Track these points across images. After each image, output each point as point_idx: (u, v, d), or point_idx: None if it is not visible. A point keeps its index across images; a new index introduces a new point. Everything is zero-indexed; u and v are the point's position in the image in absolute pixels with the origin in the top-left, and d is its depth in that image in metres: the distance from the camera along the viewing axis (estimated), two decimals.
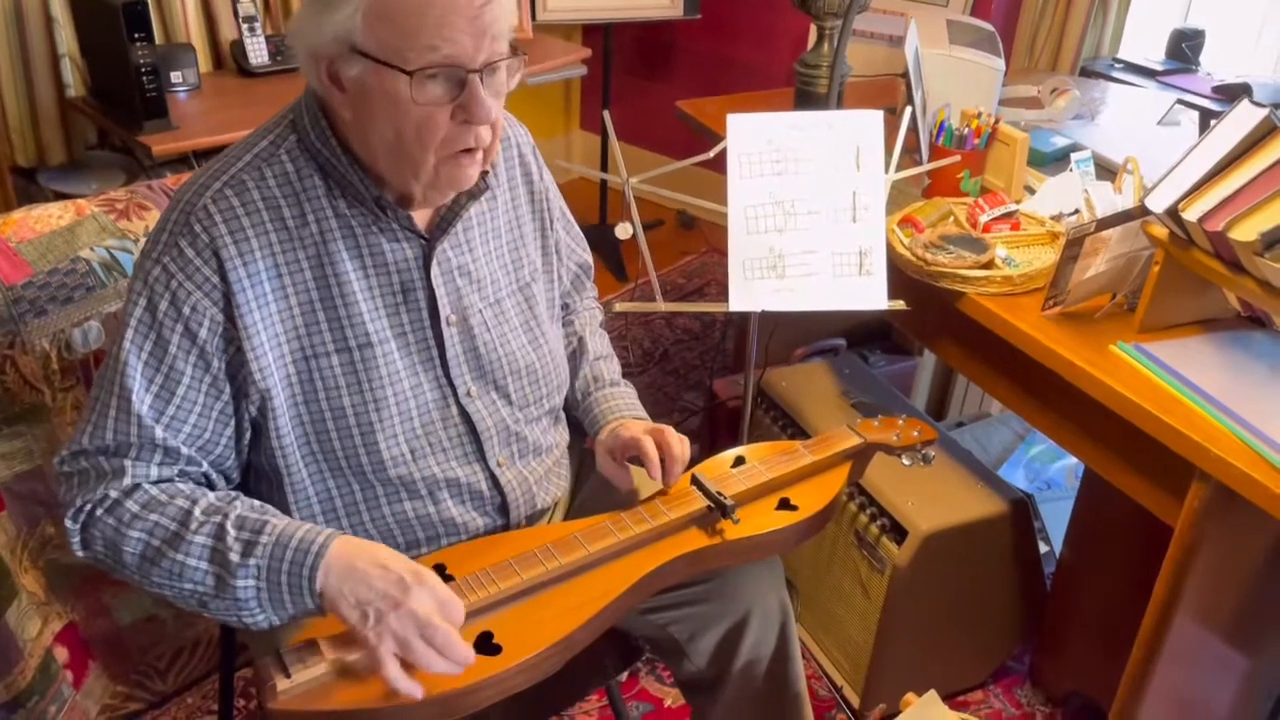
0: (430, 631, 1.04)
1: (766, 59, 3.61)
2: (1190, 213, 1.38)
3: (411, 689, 1.03)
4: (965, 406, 2.73)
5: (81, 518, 1.14)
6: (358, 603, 1.06)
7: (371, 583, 1.06)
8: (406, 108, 1.09)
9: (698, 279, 3.58)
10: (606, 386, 1.47)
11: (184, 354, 1.14)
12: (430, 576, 1.08)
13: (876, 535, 1.87)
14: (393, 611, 1.04)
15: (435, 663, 1.04)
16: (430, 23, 1.06)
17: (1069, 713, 2.01)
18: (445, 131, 1.12)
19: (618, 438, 1.35)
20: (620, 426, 1.37)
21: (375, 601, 1.05)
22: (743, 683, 1.40)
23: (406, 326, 1.24)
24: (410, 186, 1.18)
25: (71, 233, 1.59)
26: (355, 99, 1.12)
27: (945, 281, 1.66)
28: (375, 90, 1.10)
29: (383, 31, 1.07)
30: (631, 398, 1.47)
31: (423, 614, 1.04)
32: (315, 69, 1.12)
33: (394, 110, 1.10)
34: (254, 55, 2.69)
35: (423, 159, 1.14)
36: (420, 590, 1.06)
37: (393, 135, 1.12)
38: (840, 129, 1.69)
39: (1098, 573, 1.87)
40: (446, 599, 1.07)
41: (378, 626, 1.04)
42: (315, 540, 1.09)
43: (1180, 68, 2.76)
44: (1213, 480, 1.35)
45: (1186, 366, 1.45)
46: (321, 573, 1.07)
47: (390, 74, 1.08)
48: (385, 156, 1.15)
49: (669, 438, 1.32)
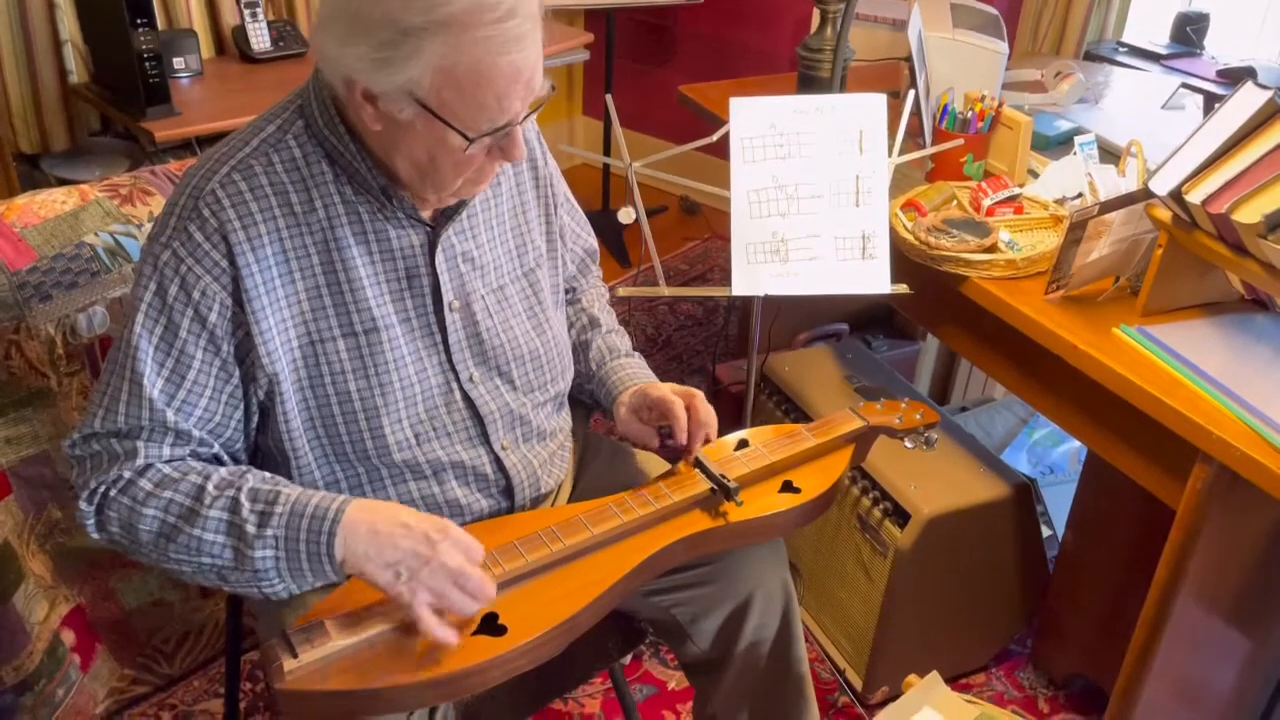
0: (464, 580, 1.08)
1: (769, 43, 3.60)
2: (1194, 195, 1.38)
3: (450, 635, 1.08)
4: (969, 391, 2.73)
5: (96, 499, 1.15)
6: (387, 564, 1.08)
7: (398, 543, 1.08)
8: (452, 152, 1.11)
9: (701, 265, 3.58)
10: (622, 357, 1.47)
11: (194, 338, 1.15)
12: (452, 527, 1.11)
13: (879, 519, 1.87)
14: (425, 567, 1.07)
15: (469, 605, 1.09)
16: (493, 98, 1.08)
17: (1071, 695, 2.02)
18: (479, 164, 1.16)
19: (646, 396, 1.36)
20: (649, 386, 1.37)
21: (405, 560, 1.08)
22: (746, 665, 1.41)
23: (411, 312, 1.24)
24: (426, 194, 1.20)
25: (76, 218, 1.59)
26: (390, 122, 1.11)
27: (948, 265, 1.66)
28: (421, 130, 1.10)
29: (448, 97, 1.07)
30: (645, 369, 1.47)
31: (454, 565, 1.08)
32: (347, 87, 1.11)
33: (438, 149, 1.12)
34: (256, 41, 2.69)
35: (451, 183, 1.17)
36: (446, 542, 1.09)
37: (426, 159, 1.14)
38: (843, 113, 1.69)
39: (1100, 556, 1.87)
40: (470, 545, 1.11)
41: (411, 583, 1.07)
42: (331, 506, 1.11)
43: (1184, 51, 2.75)
44: (1215, 462, 1.35)
45: (1189, 349, 1.45)
46: (340, 538, 1.09)
47: (445, 127, 1.09)
48: (408, 168, 1.16)
49: (698, 402, 1.33)
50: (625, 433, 1.39)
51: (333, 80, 1.13)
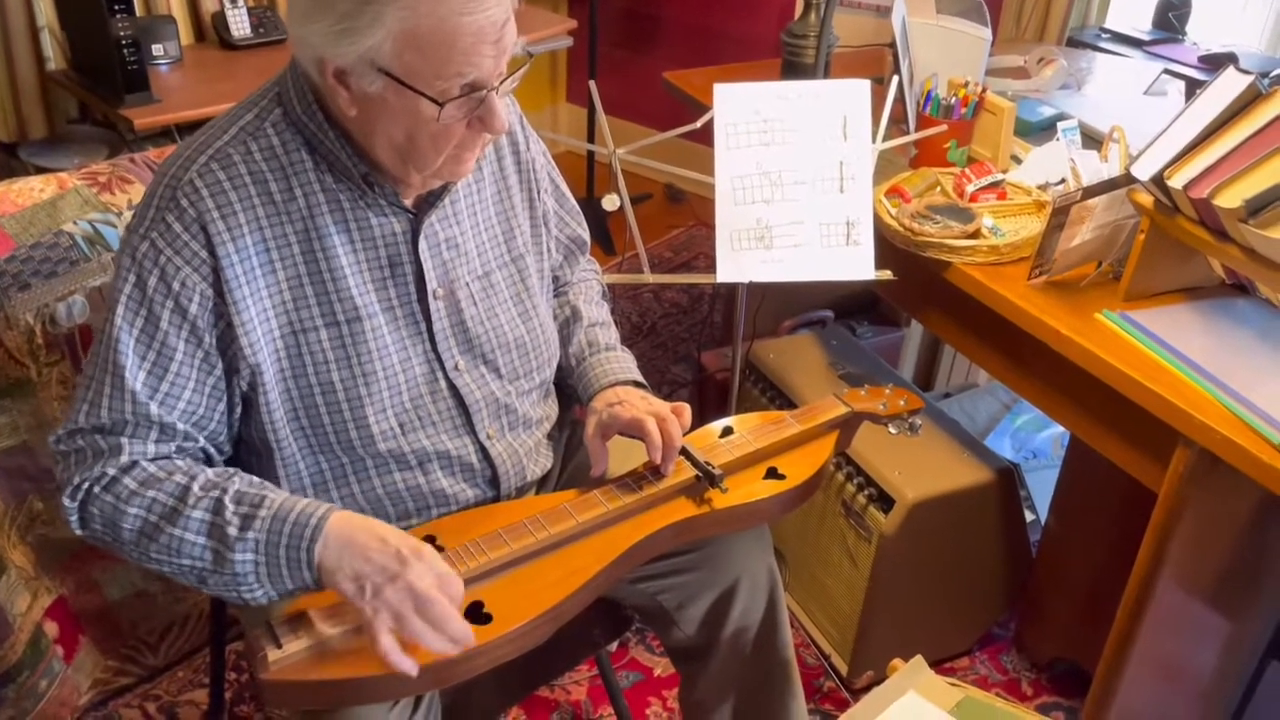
0: (426, 606, 1.04)
1: (753, 30, 3.59)
2: (1175, 180, 1.39)
3: (405, 664, 1.03)
4: (952, 377, 2.74)
5: (79, 496, 1.13)
6: (355, 575, 1.06)
7: (370, 556, 1.06)
8: (427, 123, 1.10)
9: (685, 252, 3.57)
10: (601, 351, 1.44)
11: (175, 330, 1.14)
12: (429, 552, 1.08)
13: (864, 504, 1.88)
14: (389, 585, 1.04)
15: (430, 639, 1.04)
16: (459, 53, 1.06)
17: (1054, 678, 2.04)
18: (460, 138, 1.14)
19: (617, 418, 1.31)
20: (621, 406, 1.32)
21: (372, 575, 1.05)
22: (732, 650, 1.41)
23: (394, 300, 1.24)
24: (409, 177, 1.18)
25: (54, 206, 1.58)
26: (364, 102, 1.11)
27: (932, 251, 1.66)
28: (394, 104, 1.09)
29: (411, 58, 1.06)
30: (626, 362, 1.43)
31: (420, 588, 1.04)
32: (319, 70, 1.10)
33: (412, 122, 1.10)
34: (236, 28, 2.66)
35: (432, 160, 1.15)
36: (418, 565, 1.05)
37: (404, 139, 1.13)
38: (827, 99, 1.68)
39: (1083, 540, 1.89)
40: (445, 574, 1.07)
41: (374, 600, 1.04)
42: (314, 514, 1.09)
43: (1167, 37, 2.76)
44: (1196, 446, 1.36)
45: (1171, 334, 1.46)
46: (320, 546, 1.07)
47: (415, 95, 1.08)
48: (388, 151, 1.15)
49: (670, 428, 1.28)
50: (586, 441, 1.34)
51: (307, 66, 1.12)
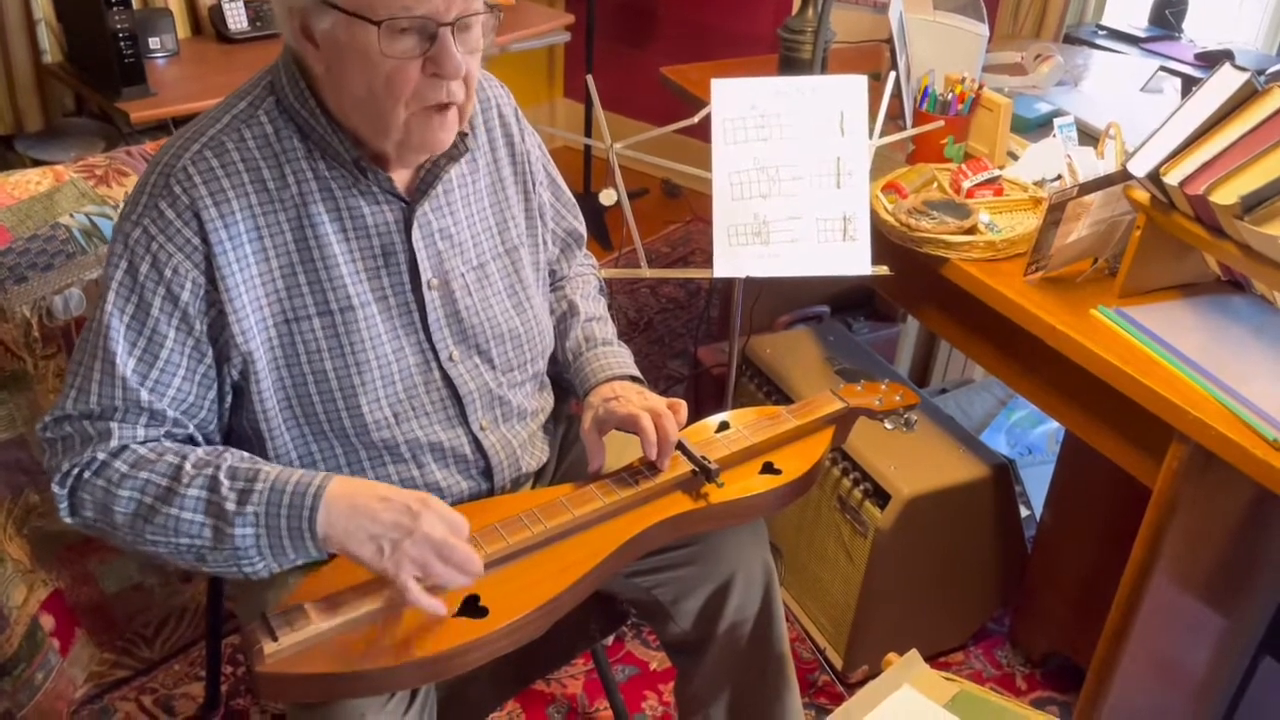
0: (448, 550, 1.07)
1: (750, 25, 3.59)
2: (1172, 177, 1.39)
3: (438, 606, 1.07)
4: (948, 372, 2.75)
5: (69, 482, 1.13)
6: (370, 537, 1.07)
7: (378, 516, 1.08)
8: (376, 60, 1.08)
9: (682, 248, 3.57)
10: (598, 346, 1.44)
11: (166, 317, 1.13)
12: (434, 500, 1.11)
13: (859, 499, 1.88)
14: (407, 539, 1.07)
15: (455, 578, 1.08)
16: None
17: (1048, 673, 2.04)
18: (415, 85, 1.11)
19: (612, 413, 1.31)
20: (617, 401, 1.32)
21: (388, 533, 1.07)
22: (727, 644, 1.41)
23: (388, 290, 1.24)
24: (383, 143, 1.17)
25: (50, 199, 1.57)
26: (328, 53, 1.11)
27: (928, 247, 1.66)
28: (346, 44, 1.09)
29: None
30: (623, 357, 1.43)
31: (437, 536, 1.07)
32: (290, 24, 1.12)
33: (365, 63, 1.09)
34: (233, 21, 2.66)
35: (393, 112, 1.12)
36: (428, 514, 1.08)
37: (364, 90, 1.11)
38: (824, 94, 1.68)
39: (1077, 536, 1.89)
40: (453, 518, 1.10)
41: (394, 555, 1.07)
42: (312, 482, 1.10)
43: (1163, 35, 2.76)
44: (1191, 442, 1.36)
45: (1167, 330, 1.46)
46: (322, 514, 1.08)
47: (360, 26, 1.07)
48: (356, 111, 1.14)
49: (666, 424, 1.28)
50: (583, 437, 1.34)
51: (287, 36, 1.13)
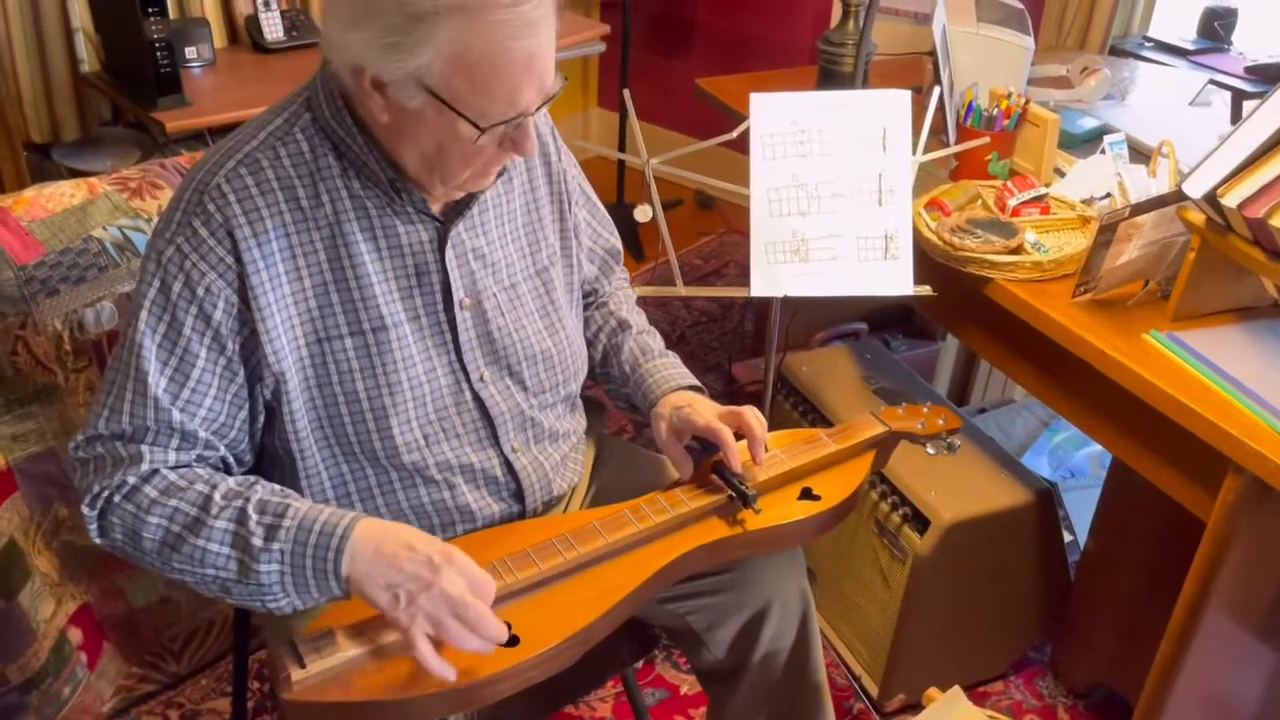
0: (463, 610, 1.03)
1: (789, 36, 3.56)
2: (1229, 199, 1.34)
3: (445, 671, 1.02)
4: (988, 392, 2.69)
5: (99, 504, 1.12)
6: (388, 585, 1.04)
7: (401, 565, 1.05)
8: (461, 141, 1.09)
9: (715, 260, 3.54)
10: (656, 358, 1.42)
11: (198, 336, 1.12)
12: (459, 555, 1.07)
13: (898, 524, 1.84)
14: (424, 593, 1.03)
15: (468, 641, 1.03)
16: (506, 87, 1.06)
17: (1091, 705, 1.99)
18: (489, 157, 1.13)
19: (688, 422, 1.30)
20: (690, 409, 1.30)
21: (406, 583, 1.04)
22: (762, 673, 1.38)
23: (420, 310, 1.22)
24: (433, 187, 1.17)
25: (84, 212, 1.57)
26: (399, 112, 1.09)
27: (972, 267, 1.62)
28: (432, 120, 1.08)
29: (459, 85, 1.05)
30: (682, 368, 1.42)
31: (455, 593, 1.03)
32: (355, 76, 1.09)
33: (446, 138, 1.09)
34: (269, 31, 2.66)
35: (459, 174, 1.14)
36: (450, 569, 1.05)
37: (434, 151, 1.11)
38: (866, 109, 1.65)
39: (1123, 563, 1.84)
40: (477, 576, 1.06)
41: (409, 608, 1.03)
42: (340, 523, 1.07)
43: (1212, 47, 2.70)
44: (1248, 474, 1.31)
45: (1222, 356, 1.41)
46: (348, 556, 1.06)
47: (456, 117, 1.07)
48: (415, 159, 1.14)
49: (748, 419, 1.28)
50: (665, 452, 1.34)
51: (340, 70, 1.10)
